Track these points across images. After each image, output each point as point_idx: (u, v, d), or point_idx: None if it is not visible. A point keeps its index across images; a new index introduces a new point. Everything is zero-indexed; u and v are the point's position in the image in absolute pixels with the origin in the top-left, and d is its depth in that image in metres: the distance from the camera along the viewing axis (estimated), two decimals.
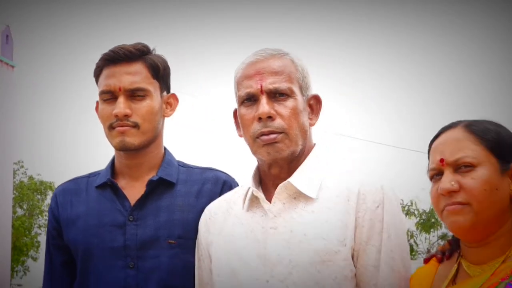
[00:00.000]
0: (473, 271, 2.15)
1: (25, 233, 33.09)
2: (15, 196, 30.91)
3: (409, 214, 21.82)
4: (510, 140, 2.17)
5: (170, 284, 2.59)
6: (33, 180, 35.50)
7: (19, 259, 33.56)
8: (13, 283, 32.16)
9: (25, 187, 34.87)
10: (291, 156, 2.40)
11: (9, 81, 23.01)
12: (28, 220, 33.84)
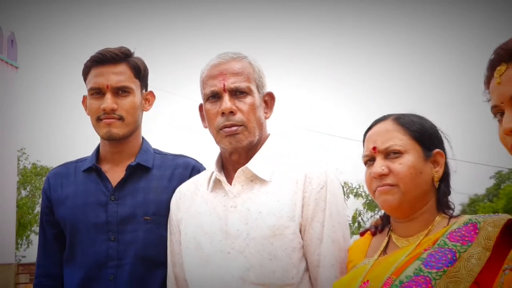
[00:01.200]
0: (401, 243, 2.18)
1: (28, 211, 32.87)
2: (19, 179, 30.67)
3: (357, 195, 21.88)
4: (432, 131, 2.21)
5: (145, 254, 2.60)
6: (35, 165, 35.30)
7: (23, 234, 33.34)
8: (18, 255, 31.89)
9: (28, 171, 34.66)
10: (249, 145, 2.42)
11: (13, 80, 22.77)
12: (31, 200, 33.59)
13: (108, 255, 2.60)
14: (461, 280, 1.93)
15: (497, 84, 1.79)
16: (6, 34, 22.40)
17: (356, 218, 19.81)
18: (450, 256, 1.99)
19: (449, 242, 2.03)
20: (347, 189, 21.15)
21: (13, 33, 22.94)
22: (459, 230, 2.05)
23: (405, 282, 1.97)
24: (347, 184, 20.69)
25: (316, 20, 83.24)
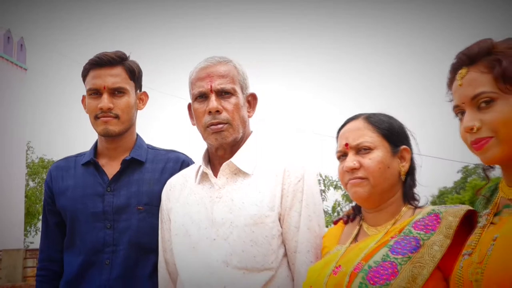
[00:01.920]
0: (371, 231, 2.18)
1: (36, 201, 32.75)
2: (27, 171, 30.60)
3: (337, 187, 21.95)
4: (399, 129, 2.22)
5: (139, 241, 2.60)
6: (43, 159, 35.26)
7: (31, 222, 33.24)
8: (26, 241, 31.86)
9: (35, 164, 34.60)
10: (233, 141, 2.42)
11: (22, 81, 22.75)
12: (39, 191, 33.50)
13: (104, 242, 2.60)
14: (424, 265, 1.94)
15: (459, 86, 1.80)
16: (16, 39, 22.40)
17: (335, 208, 19.82)
18: (414, 243, 2.00)
19: (413, 230, 2.04)
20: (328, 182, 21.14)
21: (22, 38, 22.94)
22: (423, 220, 2.06)
23: (374, 267, 1.98)
24: (328, 177, 20.69)
25: (316, 20, 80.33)
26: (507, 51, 1.75)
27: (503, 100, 1.71)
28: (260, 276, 2.28)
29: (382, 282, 1.94)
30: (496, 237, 1.69)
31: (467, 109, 1.77)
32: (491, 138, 1.72)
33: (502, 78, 1.72)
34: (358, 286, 1.96)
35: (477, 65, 1.77)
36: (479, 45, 1.79)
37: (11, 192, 21.52)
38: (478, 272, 1.70)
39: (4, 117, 21.21)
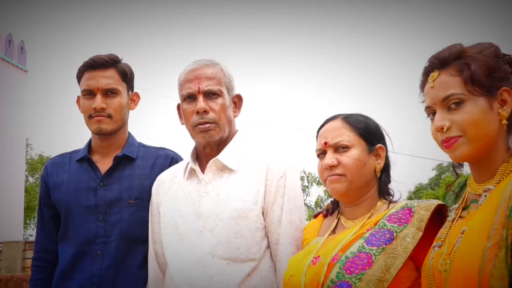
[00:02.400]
0: (348, 224, 2.19)
1: (35, 196, 32.57)
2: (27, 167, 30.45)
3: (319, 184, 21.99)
4: (375, 129, 2.23)
5: (129, 233, 2.59)
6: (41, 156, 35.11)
7: (30, 216, 33.07)
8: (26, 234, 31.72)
9: (35, 161, 34.45)
10: (220, 140, 2.42)
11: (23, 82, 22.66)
12: (37, 186, 33.34)
13: (96, 234, 2.59)
14: (397, 255, 1.95)
15: (430, 88, 1.81)
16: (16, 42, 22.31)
17: (318, 203, 19.85)
18: (388, 235, 2.01)
19: (388, 223, 2.05)
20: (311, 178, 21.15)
21: (22, 41, 22.84)
22: (396, 214, 2.07)
23: (350, 257, 1.99)
24: (311, 174, 20.70)
25: (316, 20, 78.37)
26: (475, 55, 1.76)
27: (472, 101, 1.73)
28: (244, 266, 2.28)
29: (358, 271, 1.94)
30: (464, 230, 1.70)
31: (438, 109, 1.78)
32: (460, 137, 1.73)
33: (471, 81, 1.73)
34: (335, 276, 1.97)
35: (448, 68, 1.78)
36: (450, 49, 1.80)
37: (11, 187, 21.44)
38: (447, 263, 1.71)
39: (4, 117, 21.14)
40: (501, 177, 1.73)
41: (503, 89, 1.75)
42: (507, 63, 1.78)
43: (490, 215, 1.62)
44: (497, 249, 1.55)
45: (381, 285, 1.91)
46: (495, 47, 1.80)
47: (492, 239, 1.57)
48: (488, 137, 1.73)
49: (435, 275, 1.76)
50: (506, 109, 1.74)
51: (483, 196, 1.74)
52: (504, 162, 1.76)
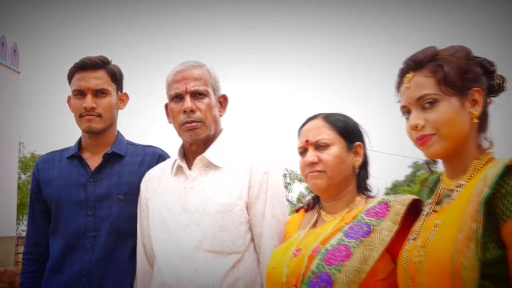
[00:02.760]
0: (328, 218, 2.20)
1: (28, 193, 32.30)
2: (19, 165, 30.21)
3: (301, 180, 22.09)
4: (354, 127, 2.24)
5: (118, 227, 2.58)
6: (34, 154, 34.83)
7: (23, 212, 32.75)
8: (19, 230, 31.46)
9: (27, 159, 34.15)
10: (206, 137, 2.42)
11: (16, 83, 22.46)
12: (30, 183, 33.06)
13: (86, 228, 2.57)
14: (375, 248, 1.96)
15: (406, 89, 1.82)
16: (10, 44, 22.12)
17: (300, 199, 19.93)
18: (366, 228, 2.02)
19: (366, 217, 2.06)
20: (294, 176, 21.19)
21: (15, 43, 22.65)
22: (374, 208, 2.09)
23: (330, 249, 2.00)
24: (294, 172, 20.77)
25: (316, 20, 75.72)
26: (448, 57, 1.78)
27: (445, 101, 1.75)
28: (228, 259, 2.28)
29: (337, 263, 1.95)
30: (437, 224, 1.72)
31: (413, 109, 1.80)
32: (433, 135, 1.75)
33: (444, 81, 1.75)
34: (316, 267, 1.97)
35: (422, 70, 1.79)
36: (424, 52, 1.82)
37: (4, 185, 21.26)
38: (422, 255, 1.72)
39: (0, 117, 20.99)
40: (473, 173, 1.75)
41: (474, 89, 1.77)
42: (478, 65, 1.80)
43: (462, 209, 1.64)
44: (468, 241, 1.57)
45: (359, 276, 1.92)
46: (467, 50, 1.82)
47: (464, 232, 1.59)
48: (460, 135, 1.75)
49: (410, 266, 1.78)
50: (477, 108, 1.77)
51: (455, 191, 1.76)
52: (475, 159, 1.78)
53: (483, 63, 1.81)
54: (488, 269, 1.56)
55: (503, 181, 1.60)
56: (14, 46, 22.66)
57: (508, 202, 1.58)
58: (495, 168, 1.63)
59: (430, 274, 1.64)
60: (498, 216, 1.59)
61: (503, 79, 1.83)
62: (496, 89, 1.82)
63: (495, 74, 1.82)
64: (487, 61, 1.82)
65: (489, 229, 1.59)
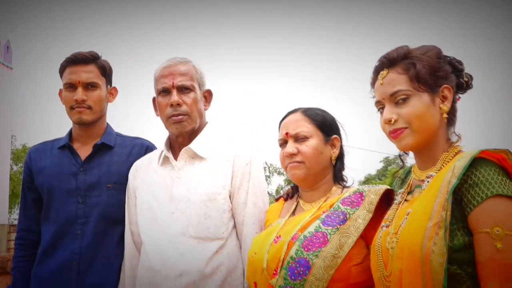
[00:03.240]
0: (306, 207, 2.20)
1: (19, 183, 32.00)
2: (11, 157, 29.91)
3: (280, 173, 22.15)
4: (331, 121, 2.24)
5: (107, 214, 2.56)
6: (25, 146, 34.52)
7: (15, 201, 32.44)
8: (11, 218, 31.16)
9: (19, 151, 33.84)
10: (191, 130, 2.42)
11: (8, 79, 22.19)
12: (21, 174, 32.72)
13: (76, 215, 2.55)
14: (350, 235, 1.97)
15: (380, 85, 1.83)
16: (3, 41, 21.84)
17: (279, 191, 19.97)
18: (342, 217, 2.03)
19: (342, 206, 2.07)
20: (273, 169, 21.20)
21: (8, 40, 22.36)
22: (349, 197, 2.09)
23: (308, 236, 2.00)
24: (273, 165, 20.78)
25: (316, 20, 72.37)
26: (420, 56, 1.78)
27: (416, 97, 1.75)
28: (212, 245, 2.28)
29: (315, 249, 1.96)
30: (409, 212, 1.73)
31: (387, 104, 1.80)
32: (405, 128, 1.76)
33: (416, 78, 1.75)
34: (294, 253, 1.98)
35: (396, 67, 1.80)
36: (398, 51, 1.82)
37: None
38: (394, 241, 1.73)
39: None
40: (442, 165, 1.76)
41: (444, 86, 1.78)
42: (448, 63, 1.81)
43: (432, 198, 1.65)
44: (437, 229, 1.58)
45: (335, 261, 1.93)
46: (438, 49, 1.83)
47: (433, 220, 1.60)
48: (430, 129, 1.76)
49: (383, 252, 1.79)
50: (447, 104, 1.78)
51: (426, 182, 1.77)
52: (444, 151, 1.79)
53: (452, 62, 1.82)
54: (455, 255, 1.58)
55: (470, 172, 1.61)
56: (7, 43, 22.37)
57: (474, 192, 1.59)
58: (463, 160, 1.64)
59: (401, 259, 1.65)
60: (465, 205, 1.61)
61: (471, 77, 1.85)
62: (464, 86, 1.84)
63: (463, 72, 1.84)
64: (456, 60, 1.84)
65: (457, 217, 1.61)
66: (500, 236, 1.53)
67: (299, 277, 1.94)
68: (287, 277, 1.97)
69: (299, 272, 1.95)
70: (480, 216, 1.57)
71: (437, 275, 1.54)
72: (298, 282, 1.94)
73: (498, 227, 1.53)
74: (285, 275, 1.97)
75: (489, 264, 1.52)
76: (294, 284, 1.95)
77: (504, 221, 1.54)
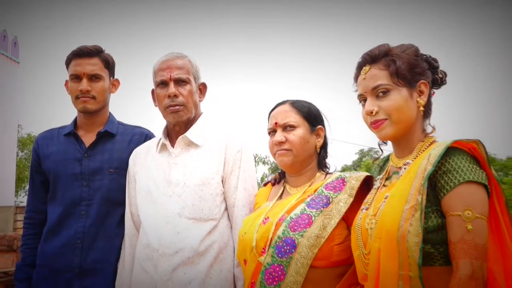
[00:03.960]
0: (292, 191, 2.20)
1: (24, 168, 31.78)
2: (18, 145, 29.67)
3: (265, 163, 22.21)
4: (316, 113, 2.23)
5: (109, 197, 2.53)
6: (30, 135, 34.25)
7: (21, 185, 32.23)
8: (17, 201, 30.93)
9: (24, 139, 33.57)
10: (187, 119, 2.40)
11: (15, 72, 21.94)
12: (27, 160, 32.45)
13: (81, 197, 2.52)
14: (332, 216, 1.97)
15: (362, 79, 1.82)
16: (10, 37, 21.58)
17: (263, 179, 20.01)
18: (325, 200, 2.02)
19: (325, 190, 2.06)
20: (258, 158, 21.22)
21: (16, 36, 22.09)
22: (332, 183, 2.09)
23: (294, 218, 2.00)
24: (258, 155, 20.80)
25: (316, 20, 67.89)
26: (400, 53, 1.78)
27: (396, 91, 1.75)
28: (206, 225, 2.27)
29: (300, 229, 1.96)
30: (387, 196, 1.73)
31: (368, 97, 1.80)
32: (385, 120, 1.76)
33: (396, 74, 1.75)
34: (282, 233, 1.98)
35: (377, 63, 1.79)
36: (379, 48, 1.82)
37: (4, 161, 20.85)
38: (373, 222, 1.73)
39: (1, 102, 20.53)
40: (418, 153, 1.77)
41: (421, 82, 1.78)
42: (424, 61, 1.81)
43: (409, 183, 1.65)
44: (413, 211, 1.58)
45: (318, 240, 1.93)
46: (415, 48, 1.83)
47: (410, 203, 1.60)
48: (408, 120, 1.76)
49: (362, 232, 1.79)
50: (423, 98, 1.78)
51: (403, 169, 1.77)
52: (420, 141, 1.79)
53: (428, 59, 1.82)
54: (429, 235, 1.58)
55: (444, 160, 1.62)
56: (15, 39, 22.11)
57: (448, 178, 1.60)
58: (437, 149, 1.64)
59: (380, 238, 1.65)
60: (439, 190, 1.61)
61: (445, 74, 1.85)
62: (439, 82, 1.85)
63: (439, 69, 1.84)
64: (432, 58, 1.84)
65: (431, 201, 1.61)
66: (470, 218, 1.54)
67: (286, 255, 1.94)
68: (274, 255, 1.96)
69: (286, 250, 1.95)
70: (452, 200, 1.57)
71: (413, 253, 1.54)
72: (284, 259, 1.94)
73: (469, 210, 1.54)
74: (273, 253, 1.97)
75: (460, 244, 1.53)
76: (281, 262, 1.95)
77: (474, 205, 1.55)
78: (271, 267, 1.96)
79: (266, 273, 1.97)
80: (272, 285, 1.95)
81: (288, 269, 1.93)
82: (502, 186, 1.69)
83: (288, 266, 1.93)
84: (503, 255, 1.63)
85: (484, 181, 1.59)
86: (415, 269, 1.53)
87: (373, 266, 1.67)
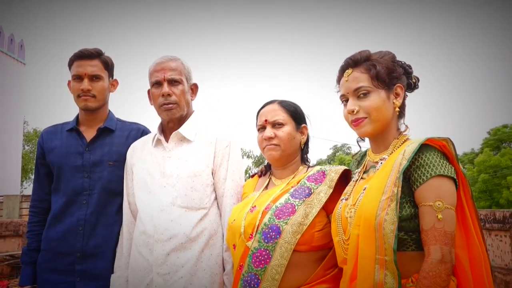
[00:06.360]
0: (277, 182, 2.17)
1: (29, 161, 31.39)
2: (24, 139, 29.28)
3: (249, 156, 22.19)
4: (301, 112, 2.21)
5: (108, 187, 2.46)
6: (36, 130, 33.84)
7: (26, 176, 31.84)
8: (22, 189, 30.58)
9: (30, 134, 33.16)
10: (180, 117, 2.35)
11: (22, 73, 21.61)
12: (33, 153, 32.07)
13: (83, 187, 2.46)
14: (314, 206, 1.94)
15: (345, 81, 1.80)
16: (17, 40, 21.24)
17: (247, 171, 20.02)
18: (307, 191, 1.99)
19: (307, 182, 2.03)
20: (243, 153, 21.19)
21: (22, 39, 21.76)
22: (313, 175, 2.06)
23: (279, 206, 1.97)
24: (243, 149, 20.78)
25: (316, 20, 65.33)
26: (379, 59, 1.78)
27: (375, 92, 1.74)
28: (197, 213, 2.22)
29: (284, 217, 1.93)
30: (365, 188, 1.71)
31: (350, 98, 1.77)
32: (365, 118, 1.74)
33: (376, 77, 1.74)
34: (268, 220, 1.94)
35: (359, 67, 1.78)
36: (361, 54, 1.80)
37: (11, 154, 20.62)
38: (352, 211, 1.71)
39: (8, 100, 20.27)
40: (393, 149, 1.75)
41: (397, 85, 1.77)
42: (400, 66, 1.82)
43: (385, 176, 1.64)
44: (389, 201, 1.57)
45: (301, 227, 1.90)
46: (393, 54, 1.83)
47: (386, 194, 1.59)
48: (385, 119, 1.75)
49: (342, 220, 1.77)
50: (399, 100, 1.77)
51: (379, 163, 1.75)
52: (395, 138, 1.78)
53: (404, 65, 1.83)
54: (403, 223, 1.57)
55: (418, 155, 1.61)
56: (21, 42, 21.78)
57: (420, 172, 1.59)
58: (412, 145, 1.64)
59: (358, 226, 1.63)
60: (412, 182, 1.60)
61: (418, 79, 1.85)
62: (412, 86, 1.84)
63: (412, 75, 1.84)
64: (407, 64, 1.84)
65: (405, 192, 1.60)
66: (440, 208, 1.53)
67: (271, 240, 1.91)
68: (261, 240, 1.93)
69: (271, 236, 1.91)
70: (424, 192, 1.56)
71: (388, 240, 1.53)
72: (270, 244, 1.91)
73: (439, 201, 1.53)
74: (260, 239, 1.93)
75: (431, 232, 1.52)
76: (266, 246, 1.91)
77: (444, 196, 1.54)
78: (258, 251, 1.93)
79: (254, 257, 1.93)
80: (259, 268, 1.91)
81: (274, 253, 1.90)
82: None
83: (274, 250, 1.90)
84: (468, 242, 1.63)
85: (453, 175, 1.59)
86: (390, 253, 1.52)
87: (352, 250, 1.65)
